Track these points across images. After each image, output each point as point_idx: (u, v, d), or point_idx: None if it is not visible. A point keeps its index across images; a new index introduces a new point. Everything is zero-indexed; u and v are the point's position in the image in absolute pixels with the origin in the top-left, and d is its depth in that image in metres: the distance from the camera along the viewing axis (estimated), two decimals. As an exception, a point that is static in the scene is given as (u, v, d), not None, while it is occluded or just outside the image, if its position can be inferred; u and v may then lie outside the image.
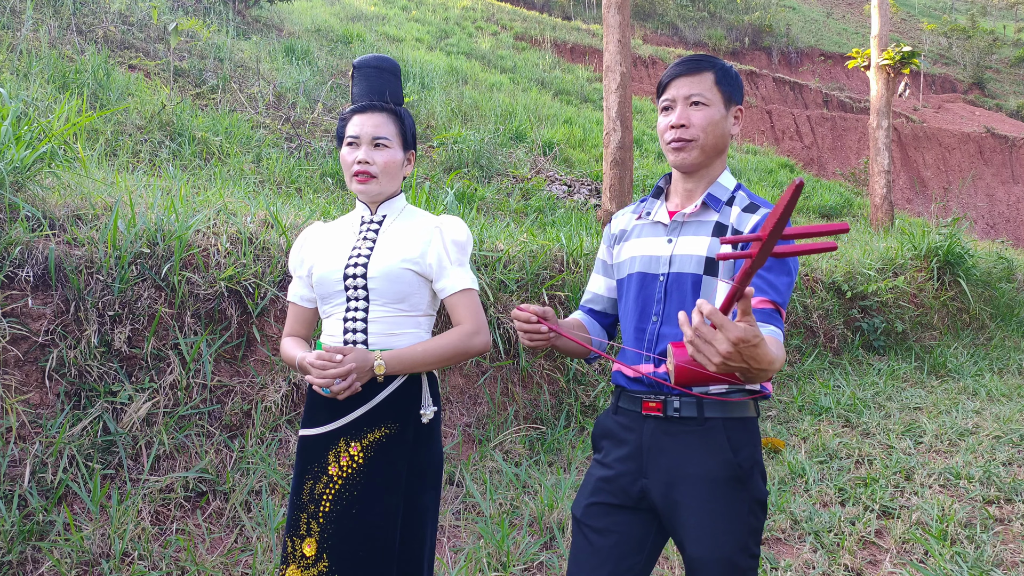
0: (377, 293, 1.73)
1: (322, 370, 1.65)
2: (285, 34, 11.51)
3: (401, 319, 1.76)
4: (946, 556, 2.78)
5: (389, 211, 1.84)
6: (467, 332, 1.76)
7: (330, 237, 1.86)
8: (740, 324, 1.12)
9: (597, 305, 1.79)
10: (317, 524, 1.67)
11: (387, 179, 1.79)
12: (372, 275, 1.73)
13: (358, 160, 1.76)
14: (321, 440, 1.73)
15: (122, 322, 2.88)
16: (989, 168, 23.24)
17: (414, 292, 1.76)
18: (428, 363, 1.73)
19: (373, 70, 1.82)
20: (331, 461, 1.70)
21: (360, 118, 1.78)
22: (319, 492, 1.69)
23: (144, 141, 5.51)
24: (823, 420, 4.52)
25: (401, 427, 1.74)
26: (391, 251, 1.76)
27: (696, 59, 1.58)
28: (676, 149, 1.57)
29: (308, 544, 1.67)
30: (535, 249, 4.40)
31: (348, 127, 1.80)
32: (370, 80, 1.82)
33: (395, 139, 1.79)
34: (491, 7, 21.93)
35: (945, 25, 35.30)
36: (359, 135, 1.77)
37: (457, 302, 1.78)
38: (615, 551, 1.55)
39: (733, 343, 1.11)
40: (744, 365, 1.15)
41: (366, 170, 1.76)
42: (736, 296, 1.09)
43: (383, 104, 1.79)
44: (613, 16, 7.00)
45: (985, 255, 7.96)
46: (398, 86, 1.85)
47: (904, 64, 11.12)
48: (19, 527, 2.40)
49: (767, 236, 0.96)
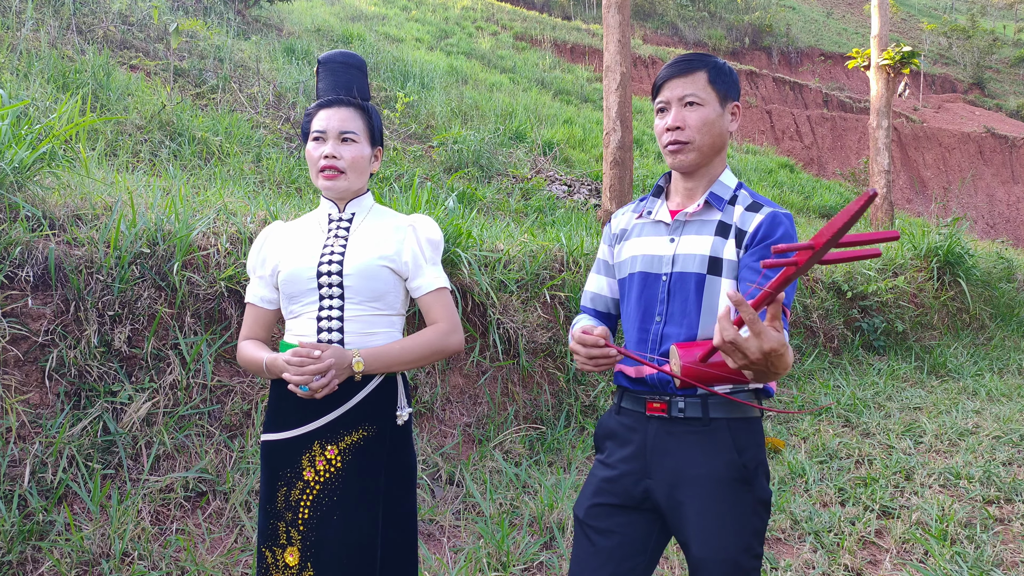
0: (353, 291, 1.70)
1: (300, 367, 1.58)
2: (285, 34, 11.51)
3: (376, 318, 1.73)
4: (946, 556, 2.78)
5: (358, 209, 1.80)
6: (443, 331, 1.75)
7: (295, 235, 1.80)
8: (774, 333, 1.13)
9: (600, 306, 1.78)
10: (297, 532, 1.63)
11: (355, 174, 1.75)
12: (348, 272, 1.69)
13: (325, 155, 1.72)
14: (292, 444, 1.67)
15: (122, 322, 2.88)
16: (989, 168, 23.24)
17: (389, 290, 1.74)
18: (405, 362, 1.70)
19: (339, 65, 1.79)
20: (305, 466, 1.65)
21: (326, 112, 1.73)
22: (295, 499, 1.64)
23: (144, 141, 5.51)
24: (823, 420, 4.52)
25: (379, 429, 1.70)
26: (366, 248, 1.73)
27: (688, 59, 1.57)
28: (673, 152, 1.57)
29: (291, 553, 1.63)
30: (535, 249, 4.40)
31: (314, 122, 1.75)
32: (336, 75, 1.78)
33: (362, 134, 1.75)
34: (491, 7, 21.92)
35: (945, 25, 35.30)
36: (326, 129, 1.72)
37: (432, 301, 1.76)
38: (617, 552, 1.55)
39: (765, 353, 1.12)
40: (764, 369, 1.16)
41: (333, 164, 1.71)
42: (768, 301, 1.09)
43: (350, 99, 1.76)
44: (613, 16, 7.00)
45: (985, 255, 7.97)
46: (365, 82, 1.82)
47: (904, 64, 11.11)
48: (19, 527, 2.40)
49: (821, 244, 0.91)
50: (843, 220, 0.84)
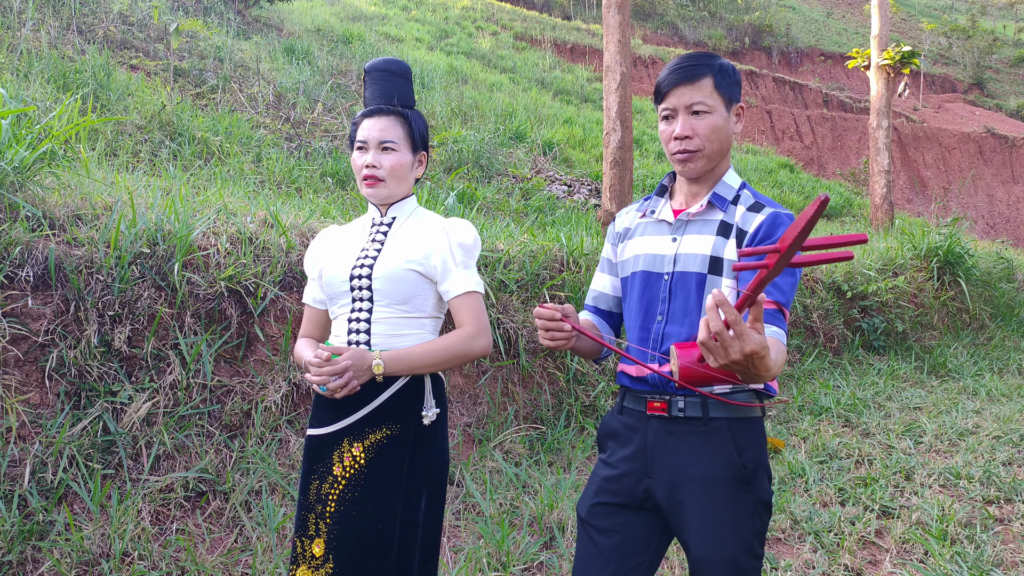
0: (381, 294, 1.74)
1: (319, 368, 1.66)
2: (285, 34, 11.51)
3: (404, 320, 1.76)
4: (946, 556, 2.78)
5: (399, 213, 1.86)
6: (468, 335, 1.76)
7: (342, 240, 1.89)
8: (756, 336, 1.13)
9: (603, 304, 1.79)
10: (324, 524, 1.69)
11: (395, 182, 1.81)
12: (377, 276, 1.74)
13: (366, 164, 1.80)
14: (326, 440, 1.74)
15: (122, 322, 2.88)
16: (989, 168, 23.24)
17: (418, 293, 1.77)
18: (427, 364, 1.73)
19: (381, 73, 1.84)
20: (335, 461, 1.71)
21: (369, 122, 1.81)
22: (325, 492, 1.70)
23: (144, 141, 5.51)
24: (823, 420, 4.52)
25: (402, 428, 1.74)
26: (397, 253, 1.78)
27: (692, 64, 1.55)
28: (682, 160, 1.56)
29: (317, 544, 1.68)
30: (535, 249, 4.40)
31: (358, 131, 1.83)
32: (378, 83, 1.84)
33: (403, 142, 1.81)
34: (491, 7, 21.92)
35: (945, 25, 35.29)
36: (367, 139, 1.80)
37: (460, 304, 1.79)
38: (619, 551, 1.55)
39: (747, 354, 1.12)
40: (745, 370, 1.17)
41: (373, 174, 1.79)
42: (748, 303, 1.10)
43: (390, 107, 1.82)
44: (613, 16, 7.00)
45: (985, 255, 7.96)
46: (408, 88, 1.86)
47: (904, 64, 11.11)
48: (19, 527, 2.40)
49: (786, 248, 0.94)
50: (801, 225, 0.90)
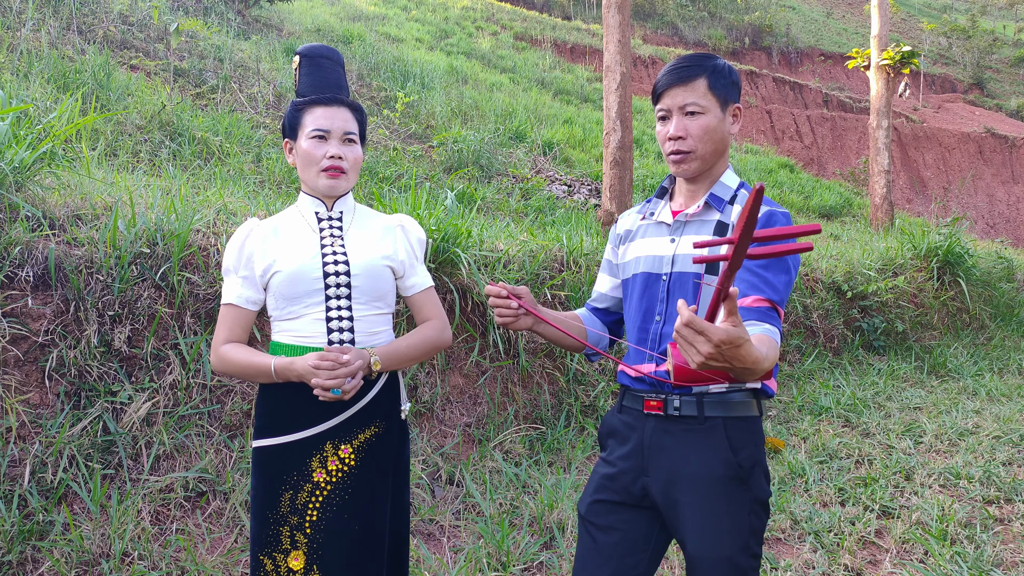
0: (360, 291, 1.71)
1: (331, 371, 1.57)
2: (285, 34, 11.50)
3: (378, 317, 1.76)
4: (946, 556, 2.78)
5: (345, 208, 1.79)
6: (439, 327, 1.83)
7: (283, 234, 1.74)
8: (723, 327, 1.12)
9: (601, 303, 1.81)
10: (304, 535, 1.61)
11: (354, 175, 1.76)
12: (356, 273, 1.70)
13: (330, 155, 1.69)
14: (299, 447, 1.65)
15: (122, 322, 2.88)
16: (989, 168, 23.24)
17: (389, 289, 1.78)
18: (412, 358, 1.76)
19: (326, 61, 1.76)
20: (316, 467, 1.64)
21: (328, 111, 1.70)
22: (303, 502, 1.62)
23: (144, 141, 5.50)
24: (823, 420, 4.52)
25: (387, 425, 1.74)
26: (366, 248, 1.74)
27: (687, 65, 1.56)
28: (676, 161, 1.58)
29: (295, 557, 1.61)
30: (535, 249, 4.40)
31: (310, 118, 1.70)
32: (325, 72, 1.75)
33: (358, 135, 1.77)
34: (491, 7, 21.91)
35: (945, 25, 35.29)
36: (330, 129, 1.69)
37: (425, 299, 1.84)
38: (618, 549, 1.56)
39: (715, 345, 1.12)
40: (727, 365, 1.16)
41: (339, 165, 1.70)
42: (721, 297, 1.11)
43: (349, 100, 1.75)
44: (613, 16, 7.00)
45: (985, 255, 7.96)
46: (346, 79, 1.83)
47: (904, 64, 11.11)
48: (19, 527, 2.40)
49: (737, 239, 0.98)
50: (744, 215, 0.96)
